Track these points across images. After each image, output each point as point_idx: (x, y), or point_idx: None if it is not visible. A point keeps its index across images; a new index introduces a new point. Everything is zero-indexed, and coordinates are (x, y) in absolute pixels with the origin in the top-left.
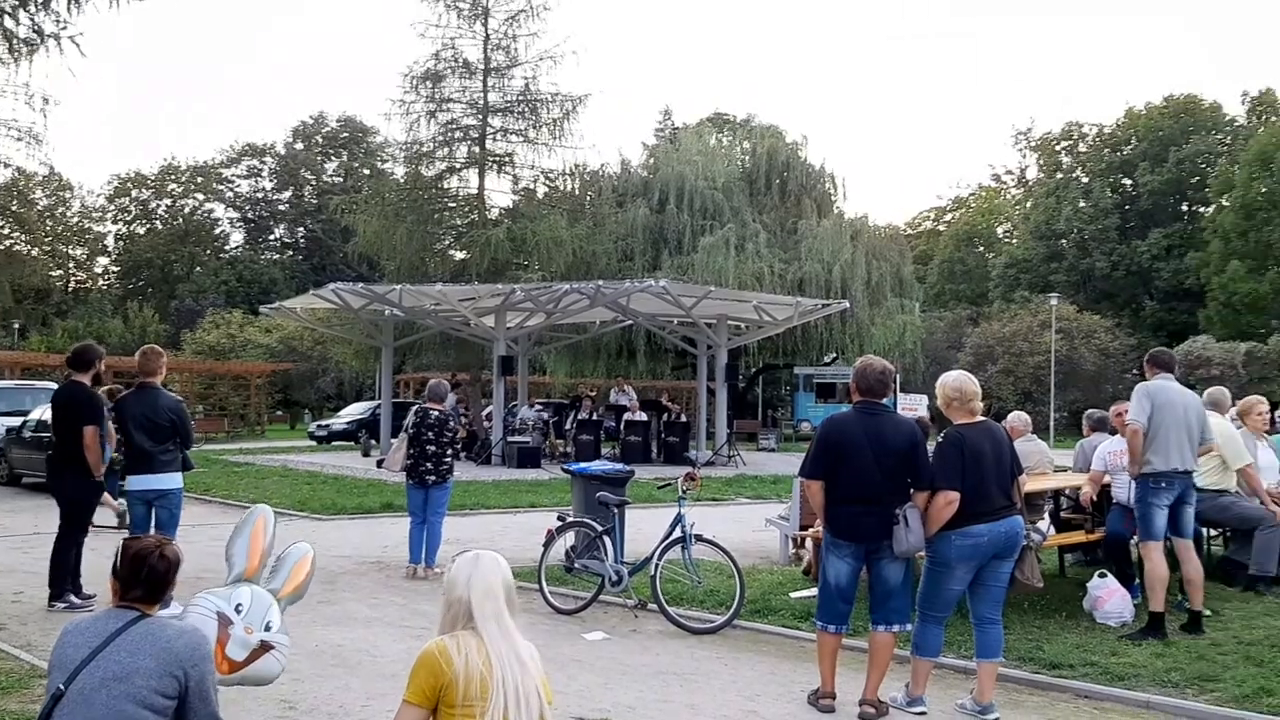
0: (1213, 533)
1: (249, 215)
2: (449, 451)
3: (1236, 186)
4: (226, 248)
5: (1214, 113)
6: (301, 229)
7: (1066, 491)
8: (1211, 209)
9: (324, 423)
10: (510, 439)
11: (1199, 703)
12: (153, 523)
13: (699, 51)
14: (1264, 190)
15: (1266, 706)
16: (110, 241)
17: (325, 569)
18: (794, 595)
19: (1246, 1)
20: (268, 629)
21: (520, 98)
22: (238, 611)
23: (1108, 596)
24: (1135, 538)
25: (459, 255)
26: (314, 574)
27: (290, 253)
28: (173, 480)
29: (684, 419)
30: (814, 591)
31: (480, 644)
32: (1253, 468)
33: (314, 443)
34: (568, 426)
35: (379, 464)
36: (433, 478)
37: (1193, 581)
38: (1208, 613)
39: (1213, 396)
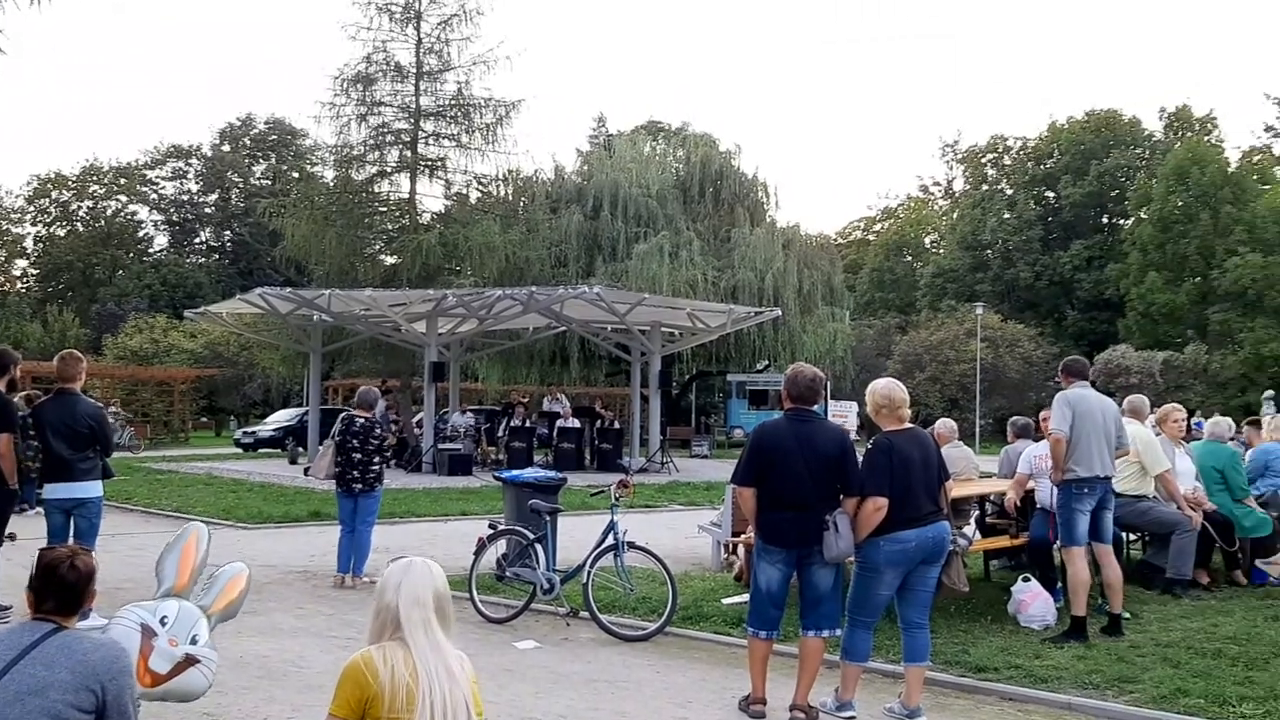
0: (1131, 537)
1: (174, 218)
2: (376, 459)
3: (1154, 200)
4: (150, 251)
5: (1133, 128)
6: (228, 232)
7: (992, 497)
8: (1130, 221)
9: (250, 430)
10: (441, 446)
11: (1118, 704)
12: (71, 532)
13: (633, 59)
14: (1180, 204)
15: (1183, 706)
16: (29, 243)
17: (251, 579)
18: (726, 601)
19: (1165, 19)
20: (194, 642)
21: (453, 102)
22: (162, 624)
23: (1031, 600)
24: (1057, 542)
25: (390, 260)
26: (248, 593)
27: (216, 256)
28: (92, 489)
29: (617, 426)
30: (746, 598)
31: (407, 654)
32: (1170, 474)
33: (240, 450)
34: (500, 433)
35: (306, 472)
36: (360, 486)
37: (1112, 585)
38: (1127, 615)
39: (1132, 404)
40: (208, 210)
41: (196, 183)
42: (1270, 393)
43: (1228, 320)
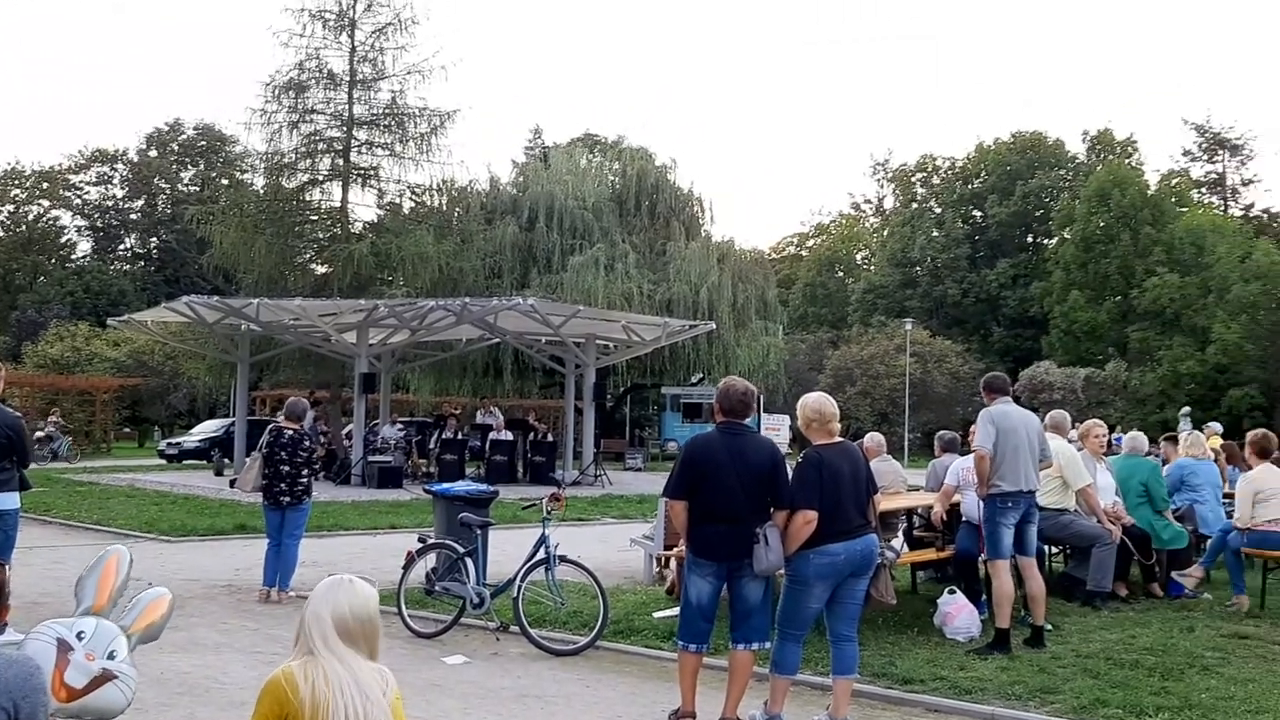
0: (1053, 550)
1: (98, 224)
2: (304, 471)
3: (1077, 220)
4: (73, 257)
5: (1057, 150)
6: (154, 239)
7: (919, 510)
8: (1054, 241)
9: (175, 440)
10: (371, 458)
11: (1040, 714)
12: None
13: (570, 71)
14: (1102, 224)
15: (1102, 716)
16: None
17: (173, 594)
18: (657, 615)
19: (1088, 44)
20: (111, 657)
21: (387, 111)
22: (79, 638)
23: (956, 612)
24: (983, 555)
25: (320, 269)
26: (170, 617)
27: (142, 263)
28: (9, 500)
29: (550, 438)
30: (677, 611)
31: (328, 671)
32: (1091, 488)
33: (164, 461)
34: (431, 446)
35: (232, 484)
36: (287, 499)
37: (1035, 597)
38: (1049, 627)
39: (1054, 420)
40: (133, 216)
41: (122, 188)
42: (1187, 409)
43: (1146, 338)
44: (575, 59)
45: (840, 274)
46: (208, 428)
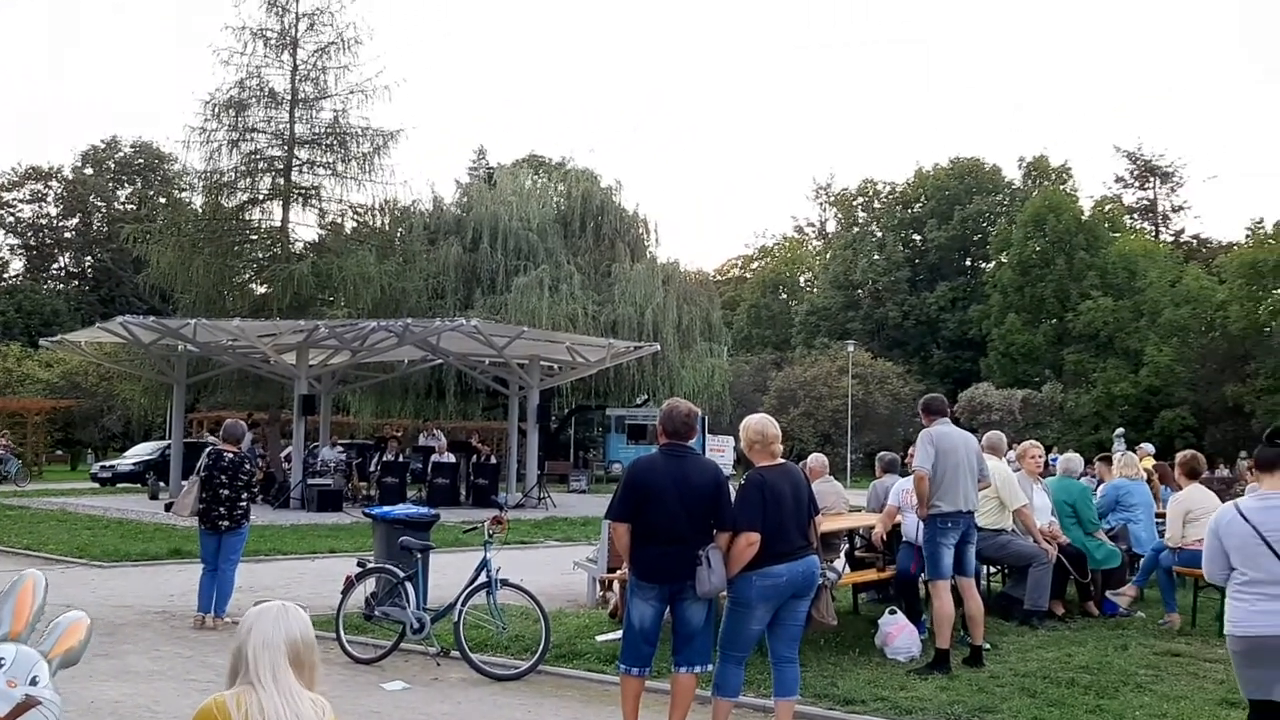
0: (991, 569)
1: (31, 242)
2: (244, 495)
3: (1014, 245)
4: (4, 276)
5: (994, 175)
6: (89, 258)
7: (860, 531)
8: (992, 265)
9: (109, 463)
10: (310, 481)
11: None
12: None
13: (515, 92)
14: (1038, 249)
15: None
16: None
17: (105, 620)
18: (600, 638)
19: (1023, 73)
20: (34, 683)
21: (329, 130)
22: (0, 665)
23: (897, 632)
24: (923, 575)
25: (260, 290)
26: (89, 641)
27: (76, 283)
28: None
29: (494, 460)
30: (620, 634)
31: (262, 700)
32: (1028, 508)
33: (97, 485)
34: (372, 468)
35: (168, 508)
36: (226, 523)
37: (974, 617)
38: (988, 647)
39: (990, 441)
40: (68, 235)
41: (56, 206)
42: (1121, 430)
43: (1082, 360)
44: (520, 80)
45: (784, 296)
46: (143, 450)
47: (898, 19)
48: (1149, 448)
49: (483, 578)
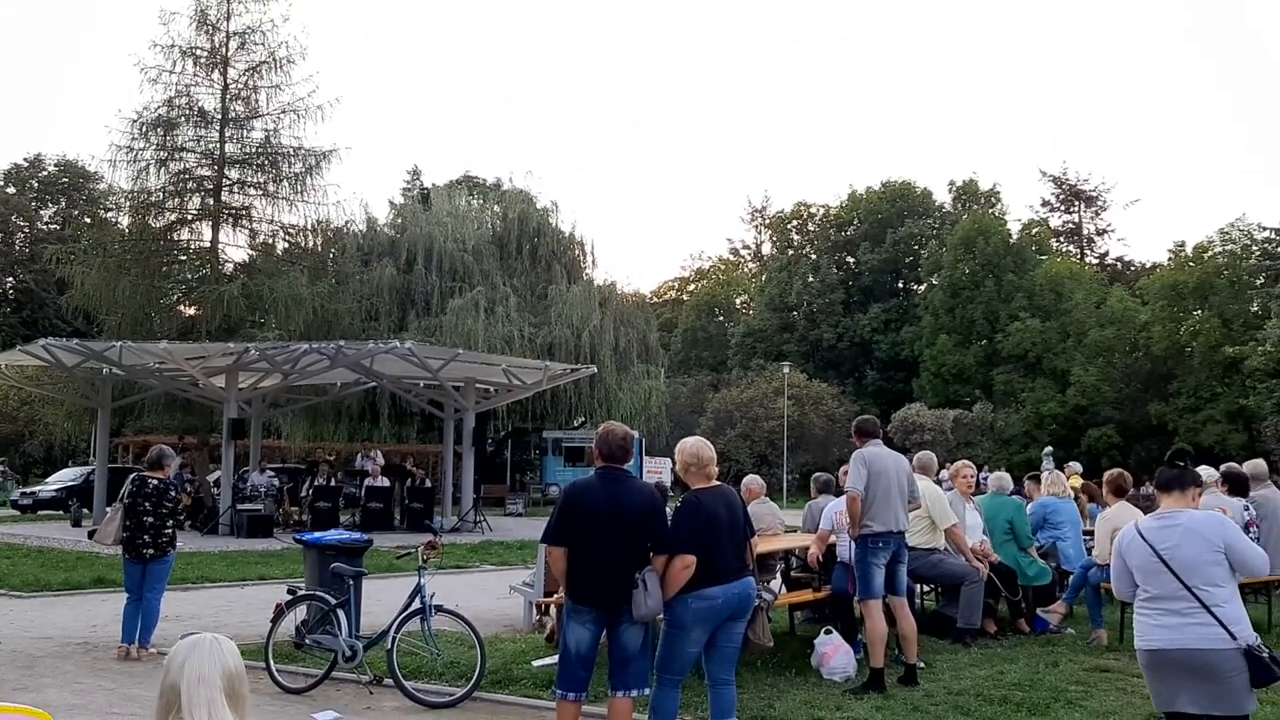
0: (924, 588)
1: None
2: (169, 523)
3: (944, 267)
4: None
5: (925, 199)
6: (10, 279)
7: (796, 551)
8: (923, 287)
9: (29, 490)
10: (240, 507)
11: None
12: None
13: (449, 112)
14: (967, 271)
15: None
16: None
17: (23, 652)
18: (536, 663)
19: (954, 98)
20: None
21: (260, 150)
22: None
23: (833, 653)
24: (856, 595)
25: (189, 311)
26: None
27: None
28: None
29: (429, 484)
30: (556, 659)
31: None
32: (958, 527)
33: (17, 512)
34: (303, 493)
35: (91, 535)
36: (151, 551)
37: (907, 636)
38: (922, 665)
39: (921, 461)
40: None
41: None
42: (1049, 449)
43: (1011, 380)
44: (454, 100)
45: (720, 318)
46: (65, 476)
47: (830, 44)
48: (1076, 466)
49: (417, 604)
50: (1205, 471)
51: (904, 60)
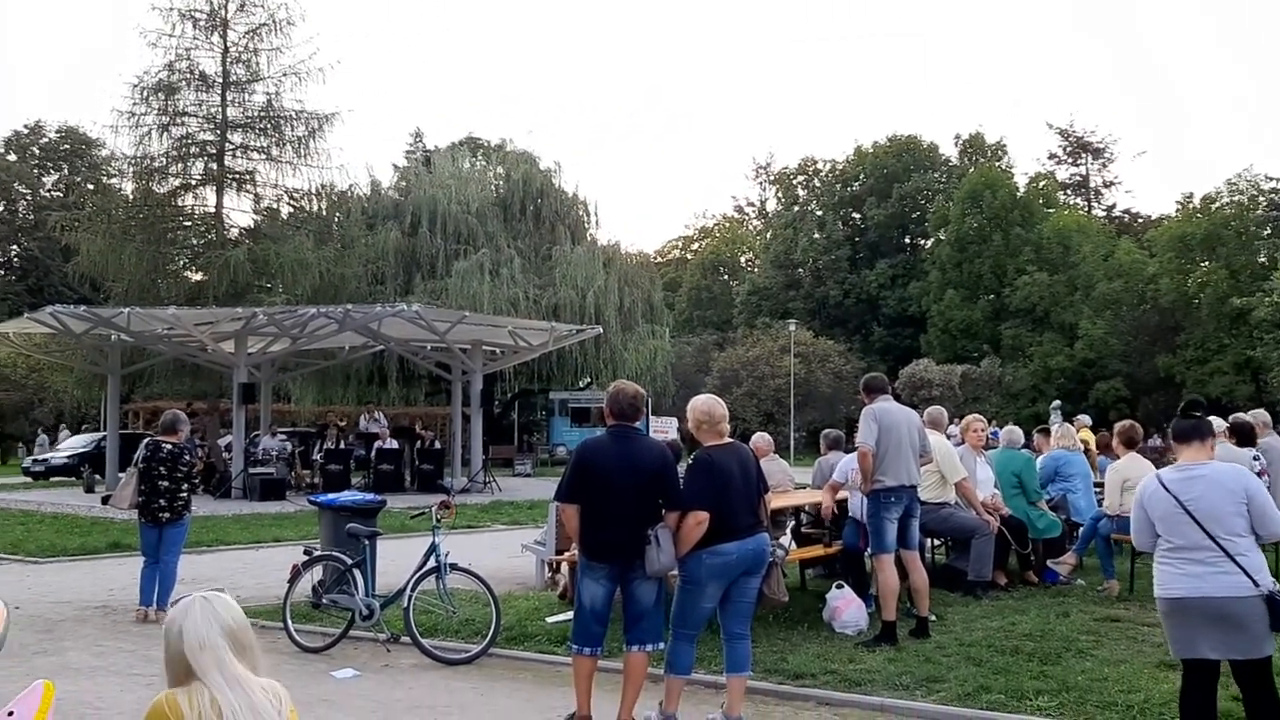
0: (936, 542)
1: None
2: (184, 487)
3: (951, 221)
4: None
5: (931, 153)
6: (15, 247)
7: (806, 508)
8: (930, 242)
9: (41, 457)
10: (252, 470)
11: (927, 703)
12: None
13: (451, 73)
14: (975, 225)
15: (985, 702)
16: None
17: (42, 616)
18: (550, 620)
19: (960, 50)
20: None
21: (262, 114)
22: None
23: (845, 607)
24: (868, 550)
25: (195, 277)
26: (7, 630)
27: (2, 273)
28: None
29: (438, 446)
30: (570, 615)
31: (213, 696)
32: (968, 481)
33: (29, 479)
34: (315, 456)
35: (105, 500)
36: (166, 515)
37: (918, 589)
38: (933, 618)
39: (932, 416)
40: None
41: None
42: (1058, 403)
43: (1019, 335)
44: (455, 60)
45: (725, 276)
46: (76, 443)
47: None
48: (1085, 419)
49: (431, 562)
50: (1214, 422)
51: (908, 12)
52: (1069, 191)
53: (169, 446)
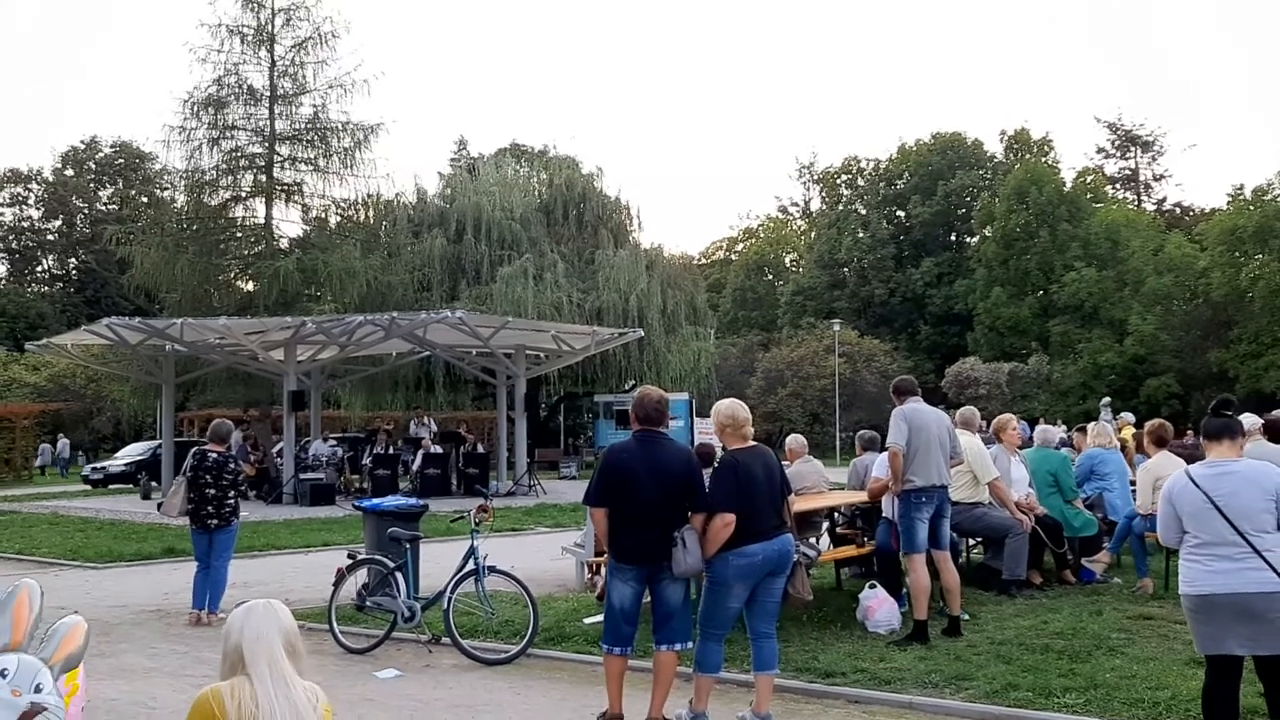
0: (971, 541)
1: (13, 245)
2: (231, 494)
3: (997, 218)
4: None
5: (976, 149)
6: (73, 260)
7: (841, 508)
8: (976, 239)
9: (99, 465)
10: (303, 476)
11: (955, 700)
12: None
13: (495, 80)
14: (1021, 222)
15: (1013, 700)
16: None
17: (100, 620)
18: (587, 621)
19: (1004, 46)
20: (38, 690)
21: (309, 126)
22: (3, 675)
23: (877, 606)
24: (900, 550)
25: (246, 287)
26: (87, 644)
27: (61, 285)
28: None
29: (481, 449)
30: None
31: (254, 690)
32: (1000, 481)
33: (88, 487)
34: (364, 461)
35: (159, 508)
36: (214, 521)
37: (950, 589)
38: (966, 617)
39: (963, 416)
40: (50, 237)
41: (37, 209)
42: (1107, 399)
43: (1067, 331)
44: (499, 68)
45: (769, 277)
46: (133, 451)
47: None
48: (1129, 416)
49: (470, 565)
50: (1249, 419)
51: (951, 7)
52: (1118, 186)
53: (215, 455)
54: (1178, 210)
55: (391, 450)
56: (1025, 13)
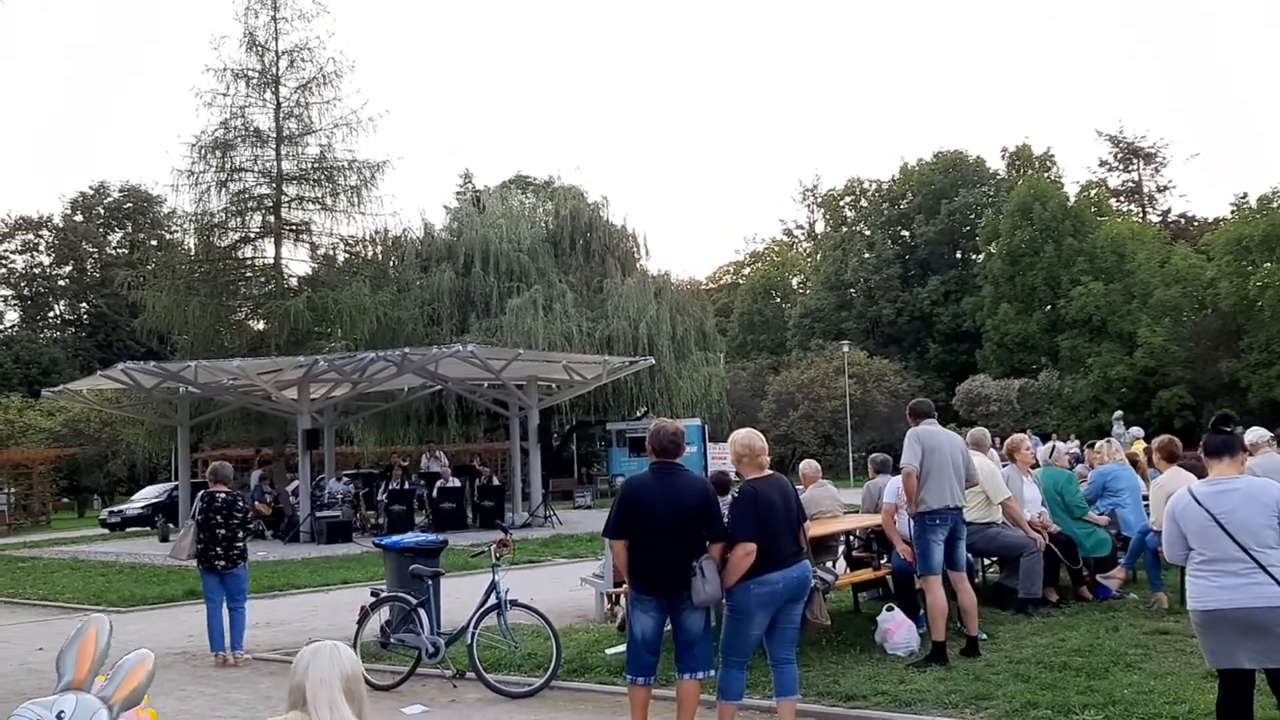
0: (987, 561)
1: (25, 292)
2: (240, 534)
3: (1002, 235)
4: (0, 327)
5: (978, 167)
6: (84, 305)
7: (856, 532)
8: (981, 256)
9: (117, 509)
10: (319, 514)
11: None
12: None
13: (498, 113)
14: (1026, 238)
15: (1032, 718)
16: None
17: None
18: (609, 651)
19: (1002, 63)
20: None
21: (315, 165)
22: (59, 718)
23: (895, 629)
24: (916, 571)
25: (257, 327)
26: (152, 679)
27: (73, 330)
28: None
29: (497, 482)
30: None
31: None
32: (1012, 501)
33: (106, 530)
34: (380, 497)
35: (171, 551)
36: (223, 563)
37: (967, 610)
38: (984, 637)
39: (974, 437)
40: (61, 283)
41: (48, 255)
42: (1119, 413)
43: (1076, 346)
44: (502, 100)
45: (777, 300)
46: (150, 493)
47: (874, 14)
48: (1138, 431)
49: (492, 599)
50: (1257, 433)
51: (950, 25)
52: (1121, 198)
53: (223, 495)
54: (1182, 221)
55: (406, 485)
56: (1022, 31)
